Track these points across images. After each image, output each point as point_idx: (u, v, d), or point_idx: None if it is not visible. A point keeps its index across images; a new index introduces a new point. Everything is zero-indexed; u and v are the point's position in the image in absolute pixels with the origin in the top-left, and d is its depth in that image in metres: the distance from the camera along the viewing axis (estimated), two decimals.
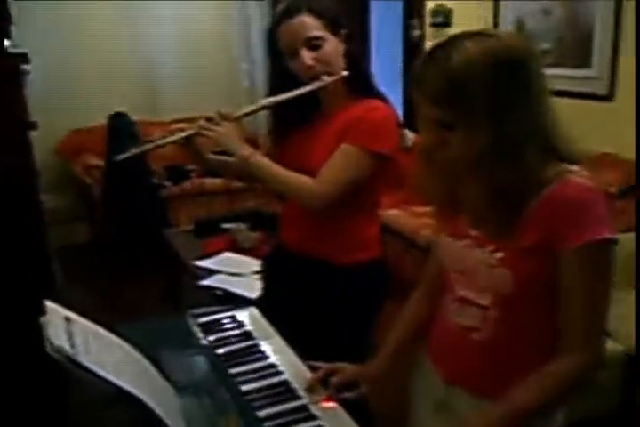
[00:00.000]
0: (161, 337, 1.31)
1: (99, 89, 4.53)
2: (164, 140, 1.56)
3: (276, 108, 1.60)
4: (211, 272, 2.68)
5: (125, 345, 1.06)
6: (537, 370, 1.03)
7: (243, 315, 1.46)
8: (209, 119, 1.54)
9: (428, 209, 4.01)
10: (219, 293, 2.52)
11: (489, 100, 0.95)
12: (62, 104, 4.43)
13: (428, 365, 1.23)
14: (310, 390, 1.16)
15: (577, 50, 3.10)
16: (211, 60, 4.88)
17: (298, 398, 1.14)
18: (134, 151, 1.57)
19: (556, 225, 0.98)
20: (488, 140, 0.96)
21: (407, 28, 4.20)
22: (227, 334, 1.37)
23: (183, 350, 1.28)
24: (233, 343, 1.32)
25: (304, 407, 1.11)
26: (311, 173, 1.52)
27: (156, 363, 1.13)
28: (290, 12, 1.50)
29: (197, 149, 1.64)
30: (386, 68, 4.85)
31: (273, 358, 1.26)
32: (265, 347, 1.31)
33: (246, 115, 1.57)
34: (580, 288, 1.00)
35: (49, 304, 0.94)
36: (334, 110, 1.58)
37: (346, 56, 1.54)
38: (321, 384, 1.17)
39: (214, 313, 1.46)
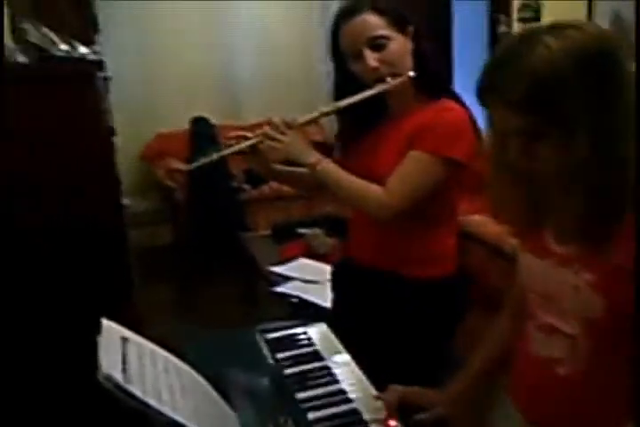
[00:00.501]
0: (227, 353, 1.26)
1: (182, 94, 4.60)
2: (229, 150, 1.51)
3: (341, 113, 1.52)
4: (286, 279, 2.64)
5: (185, 367, 1.00)
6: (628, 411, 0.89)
7: (313, 331, 1.38)
8: (272, 127, 1.47)
9: None
10: (294, 300, 2.47)
11: (582, 103, 0.82)
12: (147, 109, 4.54)
13: (509, 402, 1.10)
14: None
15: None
16: (290, 62, 4.87)
17: None
18: (202, 161, 1.51)
19: None
20: (586, 148, 0.83)
21: (493, 24, 3.99)
22: (295, 352, 1.29)
23: (249, 368, 1.22)
24: (301, 363, 1.24)
25: None
26: (380, 180, 1.43)
27: (220, 382, 1.08)
28: (352, 11, 1.42)
29: (262, 158, 1.56)
30: (468, 68, 4.66)
31: (343, 384, 1.17)
32: (335, 369, 1.22)
33: (310, 122, 1.51)
34: None
35: (106, 322, 0.90)
36: (403, 113, 1.49)
37: (414, 55, 1.44)
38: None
39: (284, 328, 1.39)
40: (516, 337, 1.10)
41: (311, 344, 1.32)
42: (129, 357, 0.87)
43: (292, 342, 1.33)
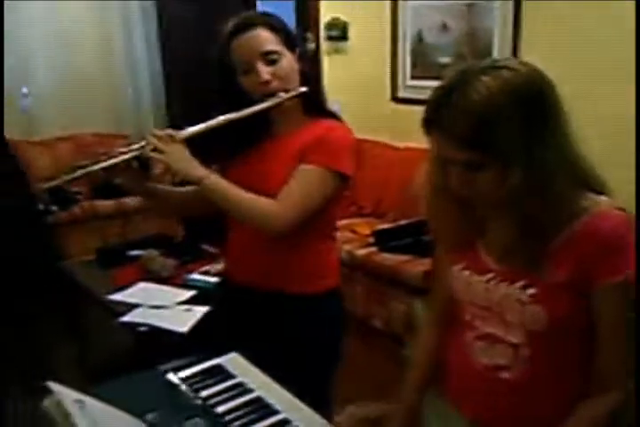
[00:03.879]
0: (146, 399, 1.13)
1: None
2: (103, 164, 1.38)
3: (223, 129, 1.46)
4: (129, 306, 2.45)
5: (137, 422, 0.88)
6: (569, 405, 1.00)
7: (227, 362, 1.31)
8: (155, 139, 1.38)
9: (342, 222, 3.92)
10: (143, 329, 2.30)
11: (518, 137, 0.91)
12: None
13: (446, 405, 1.17)
14: None
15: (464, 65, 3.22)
16: (90, 69, 4.49)
17: None
18: (65, 178, 1.38)
19: (591, 261, 0.95)
20: (520, 176, 0.93)
21: (301, 41, 4.14)
22: (218, 388, 1.21)
23: (176, 412, 1.11)
24: (230, 399, 1.17)
25: None
26: (269, 195, 1.41)
27: None
28: (245, 26, 1.41)
29: (141, 174, 1.47)
30: None
31: (284, 413, 1.13)
32: (269, 399, 1.17)
33: (195, 135, 1.43)
34: (615, 325, 0.97)
35: (55, 387, 0.76)
36: (289, 130, 1.49)
37: (300, 75, 1.47)
38: None
39: (192, 365, 1.29)
40: (444, 345, 1.18)
41: (232, 376, 1.25)
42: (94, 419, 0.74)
43: (210, 376, 1.25)
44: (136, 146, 1.41)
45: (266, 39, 1.40)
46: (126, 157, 1.40)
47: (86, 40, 4.45)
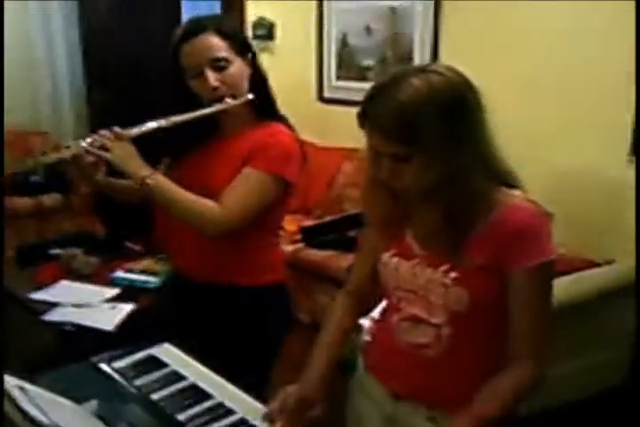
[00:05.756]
0: (80, 389, 1.13)
1: None
2: (50, 158, 1.40)
3: (172, 129, 1.49)
4: (50, 305, 2.39)
5: (76, 407, 0.90)
6: (489, 379, 1.08)
7: (159, 352, 1.32)
8: (101, 137, 1.40)
9: None
10: (68, 328, 2.26)
11: (439, 133, 1.00)
12: None
13: (370, 382, 1.24)
14: (270, 421, 1.10)
15: (398, 67, 3.34)
16: (7, 65, 4.32)
17: None
18: (15, 169, 1.44)
19: (506, 248, 1.04)
20: (439, 169, 1.02)
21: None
22: (152, 376, 1.22)
23: (112, 401, 1.12)
24: (165, 386, 1.19)
25: None
26: (212, 196, 1.44)
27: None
28: (195, 31, 1.43)
29: (87, 168, 1.47)
30: None
31: (218, 397, 1.16)
32: (202, 385, 1.20)
33: (142, 134, 1.45)
34: (528, 305, 1.07)
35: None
36: (236, 133, 1.52)
37: (251, 79, 1.50)
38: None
39: (124, 356, 1.30)
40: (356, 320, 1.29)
41: (165, 365, 1.27)
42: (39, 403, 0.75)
43: (143, 366, 1.26)
44: (83, 142, 1.41)
45: (215, 45, 1.42)
46: (71, 152, 1.41)
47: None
